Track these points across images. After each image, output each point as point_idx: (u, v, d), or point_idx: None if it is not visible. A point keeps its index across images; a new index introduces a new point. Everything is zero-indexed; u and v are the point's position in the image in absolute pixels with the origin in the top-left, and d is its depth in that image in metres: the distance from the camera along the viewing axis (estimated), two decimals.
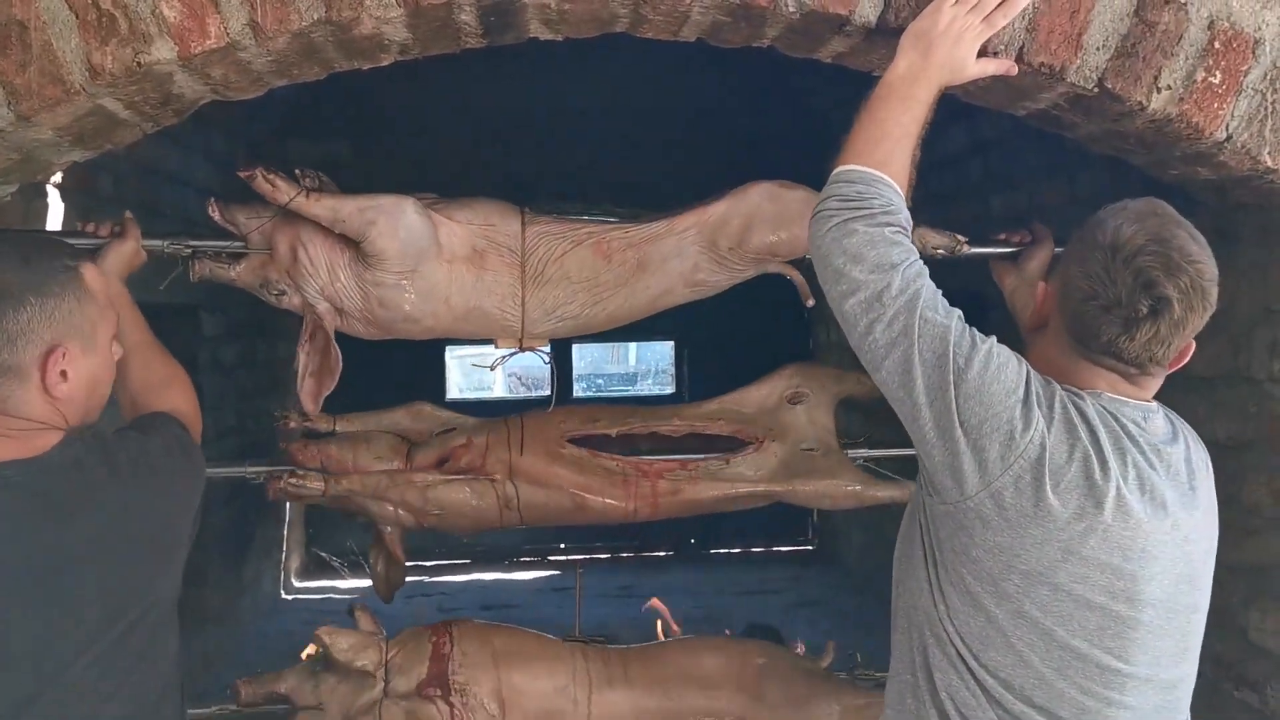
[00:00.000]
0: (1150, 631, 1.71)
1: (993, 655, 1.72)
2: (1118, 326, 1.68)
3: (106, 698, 1.68)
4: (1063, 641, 1.70)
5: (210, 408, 5.15)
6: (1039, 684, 1.71)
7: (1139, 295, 1.66)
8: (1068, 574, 1.68)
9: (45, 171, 2.36)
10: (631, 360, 19.63)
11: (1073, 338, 1.75)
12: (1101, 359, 1.73)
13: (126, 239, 2.32)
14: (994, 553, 1.69)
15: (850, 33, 2.12)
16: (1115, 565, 1.68)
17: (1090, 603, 1.69)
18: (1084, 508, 1.67)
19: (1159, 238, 1.68)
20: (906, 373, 1.70)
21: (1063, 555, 1.67)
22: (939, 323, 1.70)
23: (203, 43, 1.97)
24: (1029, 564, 1.68)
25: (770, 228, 2.63)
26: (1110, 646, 1.70)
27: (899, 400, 1.73)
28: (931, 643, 1.78)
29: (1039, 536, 1.67)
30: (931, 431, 1.70)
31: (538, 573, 7.57)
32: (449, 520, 2.76)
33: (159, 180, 4.49)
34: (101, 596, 1.68)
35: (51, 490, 1.66)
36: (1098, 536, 1.67)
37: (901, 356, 1.71)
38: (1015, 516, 1.67)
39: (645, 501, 2.76)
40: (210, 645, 5.20)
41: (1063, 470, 1.67)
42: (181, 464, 1.85)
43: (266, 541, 6.56)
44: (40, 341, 1.70)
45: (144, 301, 2.30)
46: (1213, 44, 2.09)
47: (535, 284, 2.60)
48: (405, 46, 2.19)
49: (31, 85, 1.96)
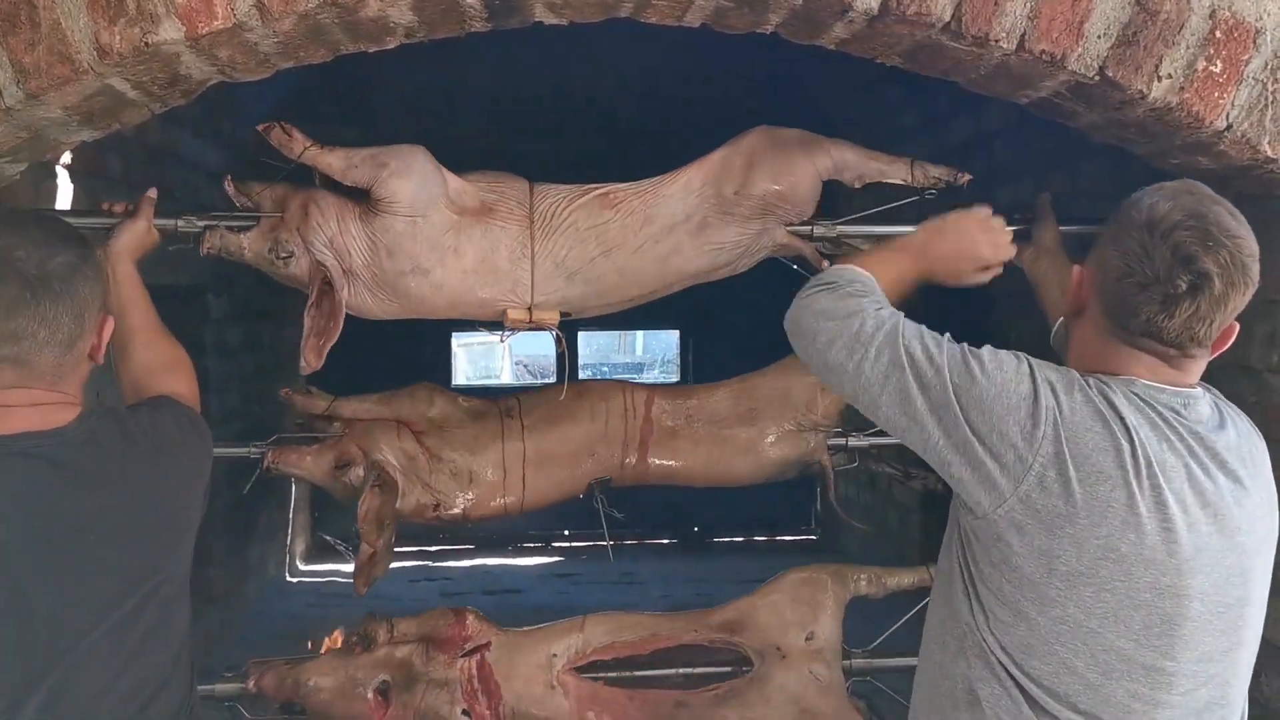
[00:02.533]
0: (1197, 627, 1.65)
1: (1035, 664, 1.67)
2: (1156, 304, 1.62)
3: (119, 670, 1.70)
4: (1109, 644, 1.64)
5: (216, 390, 5.22)
6: (1085, 689, 1.65)
7: (1177, 270, 1.61)
8: (1109, 572, 1.62)
9: (54, 151, 2.38)
10: (638, 349, 19.66)
11: (1110, 319, 1.69)
12: (1140, 340, 1.67)
13: (139, 218, 2.35)
14: (1033, 558, 1.64)
15: (853, 19, 2.13)
16: (1159, 560, 1.62)
17: (1135, 600, 1.63)
18: (1117, 499, 1.61)
19: (1196, 213, 1.63)
20: (906, 401, 1.69)
21: (1102, 552, 1.62)
22: (924, 346, 1.70)
23: (210, 23, 1.99)
24: (1069, 565, 1.63)
25: (770, 164, 2.65)
26: (1157, 645, 1.64)
27: (906, 430, 1.71)
28: (973, 655, 1.72)
29: (1075, 535, 1.62)
30: (947, 450, 1.68)
31: (541, 558, 7.60)
32: None
33: (169, 162, 4.51)
34: (117, 569, 1.70)
35: (71, 462, 1.69)
36: (1136, 530, 1.61)
37: (896, 387, 1.69)
38: (1049, 517, 1.63)
39: None
40: (215, 625, 5.24)
41: (1089, 460, 1.62)
42: (193, 439, 1.88)
43: (272, 524, 6.59)
44: (95, 313, 1.77)
45: (151, 284, 2.33)
46: (1214, 33, 2.10)
47: (544, 234, 2.61)
48: (411, 29, 2.20)
49: (40, 64, 1.99)
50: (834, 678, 2.78)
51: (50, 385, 1.72)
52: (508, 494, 2.83)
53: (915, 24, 2.09)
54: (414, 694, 2.64)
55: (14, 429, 1.67)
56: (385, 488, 2.70)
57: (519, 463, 2.83)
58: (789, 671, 2.76)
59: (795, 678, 2.75)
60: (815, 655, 2.77)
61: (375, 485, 2.67)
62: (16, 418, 1.68)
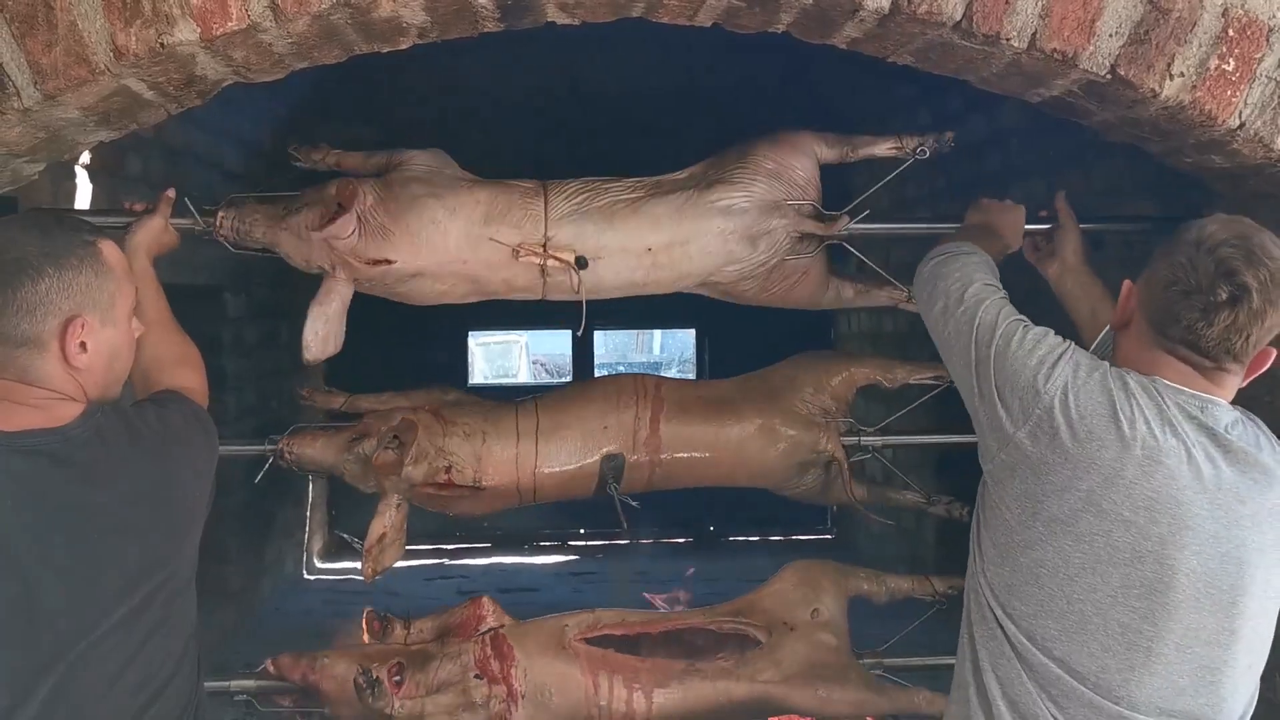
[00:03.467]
0: (1186, 603, 1.73)
1: (1016, 604, 1.82)
2: (1196, 312, 1.75)
3: (126, 663, 1.71)
4: (1083, 594, 1.76)
5: (233, 388, 5.25)
6: (1060, 635, 1.78)
7: (1219, 282, 1.73)
8: (1088, 525, 1.76)
9: (72, 151, 2.40)
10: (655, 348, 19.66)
11: (1152, 326, 1.82)
12: (1177, 348, 1.79)
13: (155, 215, 2.38)
14: (1021, 500, 1.83)
15: (864, 18, 2.13)
16: (1140, 525, 1.74)
17: (1114, 558, 1.75)
18: (1104, 459, 1.75)
19: (1242, 235, 1.78)
20: (966, 354, 1.95)
21: (1084, 504, 1.76)
22: (993, 317, 1.94)
23: (224, 24, 2.01)
24: (1051, 510, 1.79)
25: (765, 143, 2.73)
26: (1135, 606, 1.74)
27: (961, 378, 1.98)
28: (971, 600, 1.93)
29: (1059, 483, 1.78)
30: (978, 398, 1.92)
31: (557, 557, 7.61)
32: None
33: (187, 162, 4.54)
34: (123, 564, 1.71)
35: (75, 459, 1.70)
36: (1120, 491, 1.74)
37: (963, 345, 1.96)
38: (1037, 463, 1.80)
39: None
40: (232, 622, 5.27)
41: (1084, 420, 1.76)
42: (199, 436, 1.89)
43: (289, 522, 6.62)
44: (59, 312, 1.73)
45: (170, 283, 2.35)
46: (1226, 31, 2.09)
47: (557, 185, 2.67)
48: (424, 30, 2.22)
49: (57, 65, 2.01)
50: (841, 645, 2.87)
51: (23, 380, 1.72)
52: (520, 460, 2.83)
53: (926, 23, 2.09)
54: (428, 671, 2.67)
55: (16, 426, 1.68)
56: (399, 444, 2.72)
57: (532, 429, 2.85)
58: (798, 641, 2.83)
59: (804, 645, 2.83)
60: (822, 627, 2.86)
61: (388, 446, 2.69)
62: (19, 414, 1.69)
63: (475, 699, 2.65)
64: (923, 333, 2.14)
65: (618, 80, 5.73)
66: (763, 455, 2.92)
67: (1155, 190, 2.92)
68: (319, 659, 2.69)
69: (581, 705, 2.71)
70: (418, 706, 2.61)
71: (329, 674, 2.66)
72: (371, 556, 2.72)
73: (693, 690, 2.76)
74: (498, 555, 7.57)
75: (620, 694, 2.72)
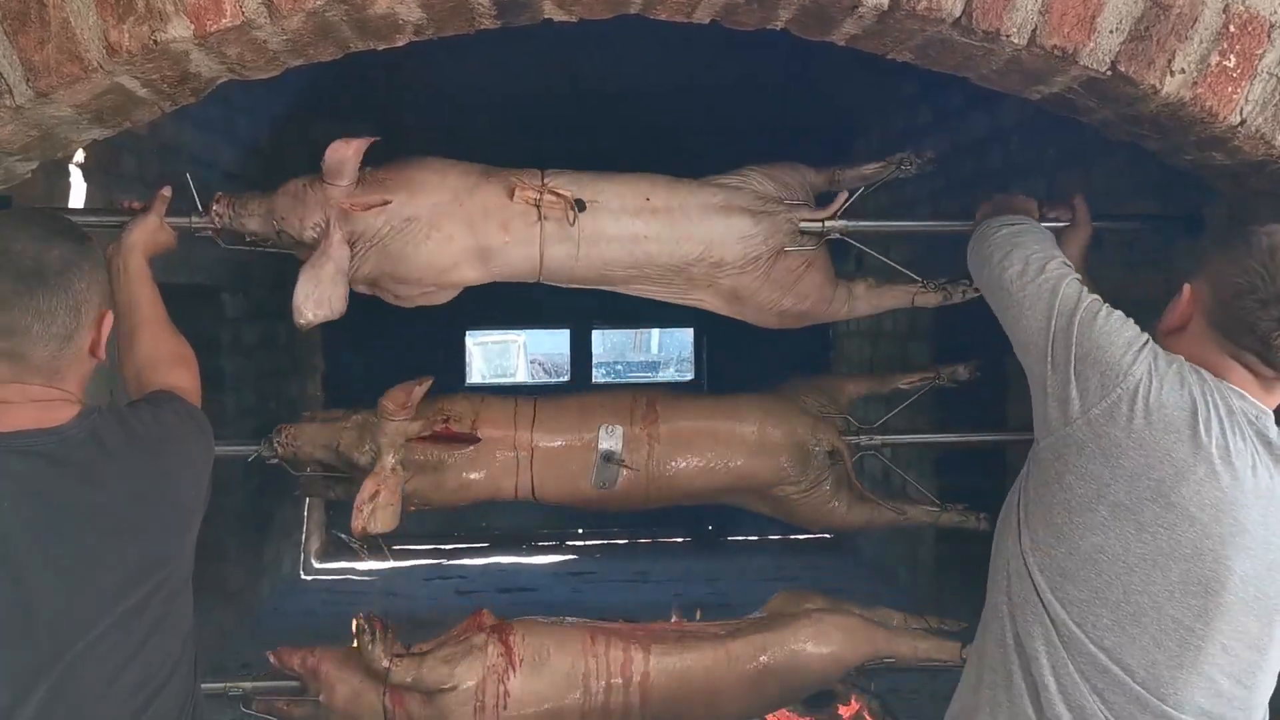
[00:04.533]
0: (1236, 605, 1.75)
1: (1070, 589, 1.80)
2: (1274, 321, 1.76)
3: (125, 663, 1.71)
4: (1142, 586, 1.76)
5: (231, 388, 5.24)
6: (1113, 626, 1.77)
7: None
8: (1154, 515, 1.76)
9: (65, 149, 2.39)
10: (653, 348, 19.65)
11: (1220, 332, 1.83)
12: (1244, 355, 1.80)
13: (151, 213, 2.37)
14: (1086, 479, 1.81)
15: (863, 15, 2.12)
16: (1204, 523, 1.74)
17: (1176, 553, 1.75)
18: (1179, 452, 1.75)
19: None
20: (1045, 321, 1.91)
21: (1152, 494, 1.76)
22: (1075, 293, 1.92)
23: (218, 21, 1.99)
24: (1118, 496, 1.78)
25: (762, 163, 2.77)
26: (1192, 605, 1.75)
27: (1032, 344, 1.93)
28: (1012, 581, 1.89)
29: (1130, 469, 1.77)
30: (1050, 366, 1.88)
31: (555, 556, 7.60)
32: None
33: (182, 161, 4.53)
34: (121, 564, 1.71)
35: (72, 459, 1.69)
36: (1190, 486, 1.75)
37: (1041, 311, 1.93)
38: (1108, 445, 1.79)
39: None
40: (230, 622, 5.25)
41: (1164, 410, 1.76)
42: (195, 435, 1.89)
43: (286, 523, 6.61)
44: (93, 308, 1.77)
45: (168, 283, 2.34)
46: (1227, 27, 2.08)
47: (554, 171, 2.66)
48: (420, 27, 2.20)
49: (50, 62, 1.99)
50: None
51: (48, 381, 1.73)
52: (519, 416, 2.84)
53: (926, 19, 2.08)
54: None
55: (12, 426, 1.67)
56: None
57: (530, 403, 2.90)
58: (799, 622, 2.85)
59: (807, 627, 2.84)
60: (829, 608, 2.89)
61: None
62: (14, 415, 1.69)
63: (475, 644, 2.67)
64: (922, 332, 2.13)
65: (616, 78, 5.73)
66: (760, 439, 2.88)
67: (1155, 189, 2.91)
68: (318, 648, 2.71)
69: (580, 658, 2.71)
70: (414, 664, 2.61)
71: (328, 657, 2.69)
72: (363, 514, 2.65)
73: (690, 647, 2.77)
74: (496, 555, 7.57)
75: (617, 651, 2.73)
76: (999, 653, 1.89)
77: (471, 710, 2.63)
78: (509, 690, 2.65)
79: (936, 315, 4.60)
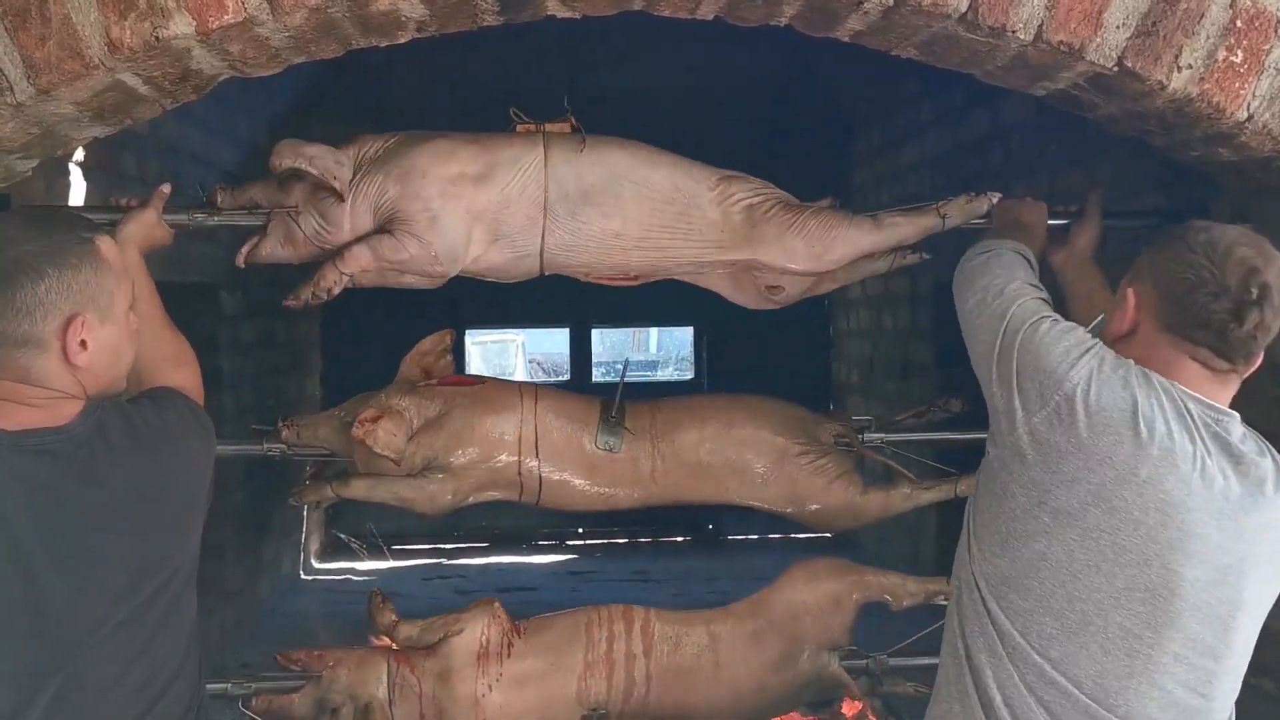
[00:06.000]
0: (1187, 613, 1.72)
1: (1014, 598, 1.78)
2: (1227, 313, 1.73)
3: (132, 661, 1.70)
4: (1086, 593, 1.73)
5: (230, 386, 5.23)
6: (1059, 635, 1.74)
7: (1248, 280, 1.73)
8: (1097, 520, 1.73)
9: (66, 147, 2.38)
10: (653, 347, 19.65)
11: (1172, 331, 1.79)
12: (1198, 351, 1.77)
13: (148, 208, 2.35)
14: (1029, 488, 1.79)
15: (868, 11, 2.11)
16: (1150, 527, 1.71)
17: (1120, 559, 1.72)
18: (1120, 455, 1.72)
19: (1247, 234, 1.80)
20: (992, 340, 1.91)
21: (1093, 499, 1.73)
22: (1025, 313, 1.91)
23: (220, 18, 1.98)
24: (1059, 502, 1.75)
25: None
26: (1138, 611, 1.72)
27: (982, 363, 1.93)
28: (963, 593, 1.87)
29: (1069, 473, 1.75)
30: (996, 383, 1.88)
31: (555, 556, 7.60)
32: None
33: (181, 159, 4.52)
34: (126, 562, 1.71)
35: (77, 457, 1.69)
36: (1133, 489, 1.71)
37: (990, 332, 1.93)
38: (1049, 451, 1.77)
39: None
40: (229, 622, 5.24)
41: (1103, 413, 1.73)
42: (197, 432, 1.88)
43: (286, 522, 6.60)
44: (59, 312, 1.71)
45: (165, 281, 2.32)
46: (1234, 22, 2.07)
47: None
48: (422, 23, 2.20)
49: (51, 59, 1.98)
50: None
51: (39, 383, 1.71)
52: (523, 389, 2.85)
53: (931, 15, 2.07)
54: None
55: (19, 425, 1.67)
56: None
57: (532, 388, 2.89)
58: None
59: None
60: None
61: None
62: (21, 414, 1.68)
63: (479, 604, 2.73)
64: (923, 331, 2.13)
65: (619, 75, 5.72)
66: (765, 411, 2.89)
67: (1159, 185, 2.90)
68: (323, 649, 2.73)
69: (583, 613, 2.78)
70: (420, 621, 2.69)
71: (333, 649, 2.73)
72: (363, 428, 2.62)
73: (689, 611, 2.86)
74: (496, 555, 7.56)
75: (618, 609, 2.79)
76: (954, 666, 1.87)
77: (475, 657, 2.66)
78: (512, 641, 2.68)
79: (937, 315, 4.60)
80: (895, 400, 3.09)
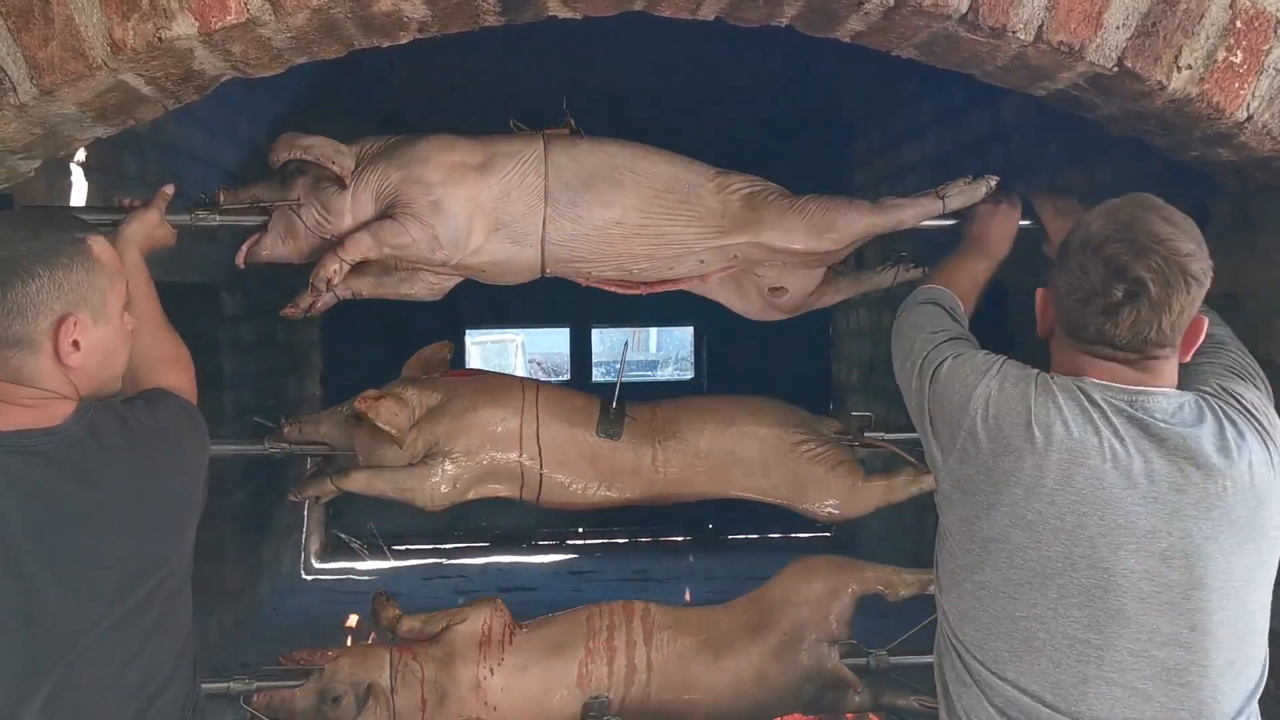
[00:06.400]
0: (1132, 606, 1.69)
1: (969, 630, 1.82)
2: (1100, 315, 1.73)
3: (126, 663, 1.71)
4: (1024, 611, 1.74)
5: (230, 387, 5.23)
6: (1010, 656, 1.76)
7: (1112, 281, 1.71)
8: (1019, 539, 1.74)
9: (68, 147, 2.38)
10: (652, 347, 19.64)
11: (1069, 334, 1.81)
12: (1097, 349, 1.77)
13: (150, 209, 2.35)
14: (959, 525, 1.84)
15: (869, 11, 2.11)
16: (1069, 531, 1.71)
17: (1047, 570, 1.73)
18: (1023, 471, 1.73)
19: (1124, 224, 1.74)
20: (917, 405, 1.97)
21: (1010, 519, 1.75)
22: (932, 363, 1.95)
23: (223, 18, 1.98)
24: (984, 530, 1.78)
25: None
26: (1078, 616, 1.71)
27: (917, 426, 1.99)
28: (940, 625, 1.92)
29: (985, 502, 1.78)
30: (925, 438, 1.95)
31: (555, 556, 7.60)
32: None
33: (183, 159, 4.52)
34: (120, 563, 1.71)
35: (70, 458, 1.69)
36: (1043, 500, 1.72)
37: (915, 388, 1.98)
38: (966, 485, 1.81)
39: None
40: (229, 622, 5.25)
41: (1001, 435, 1.76)
42: (191, 432, 1.88)
43: (286, 522, 6.61)
44: (50, 312, 1.71)
45: (165, 281, 2.32)
46: (1234, 23, 2.07)
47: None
48: (424, 24, 2.20)
49: (54, 59, 1.98)
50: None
51: (31, 384, 1.71)
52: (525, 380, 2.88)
53: (932, 15, 2.07)
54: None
55: (12, 425, 1.67)
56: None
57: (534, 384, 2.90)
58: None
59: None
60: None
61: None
62: (14, 414, 1.68)
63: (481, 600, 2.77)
64: None
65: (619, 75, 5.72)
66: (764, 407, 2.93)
67: (1158, 185, 2.89)
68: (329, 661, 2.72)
69: (584, 608, 2.80)
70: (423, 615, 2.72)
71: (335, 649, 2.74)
72: (367, 402, 2.64)
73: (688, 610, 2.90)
74: (496, 555, 7.57)
75: (618, 603, 2.83)
76: (942, 698, 1.91)
77: (477, 644, 2.67)
78: (514, 632, 2.70)
79: None
80: (895, 400, 3.06)
